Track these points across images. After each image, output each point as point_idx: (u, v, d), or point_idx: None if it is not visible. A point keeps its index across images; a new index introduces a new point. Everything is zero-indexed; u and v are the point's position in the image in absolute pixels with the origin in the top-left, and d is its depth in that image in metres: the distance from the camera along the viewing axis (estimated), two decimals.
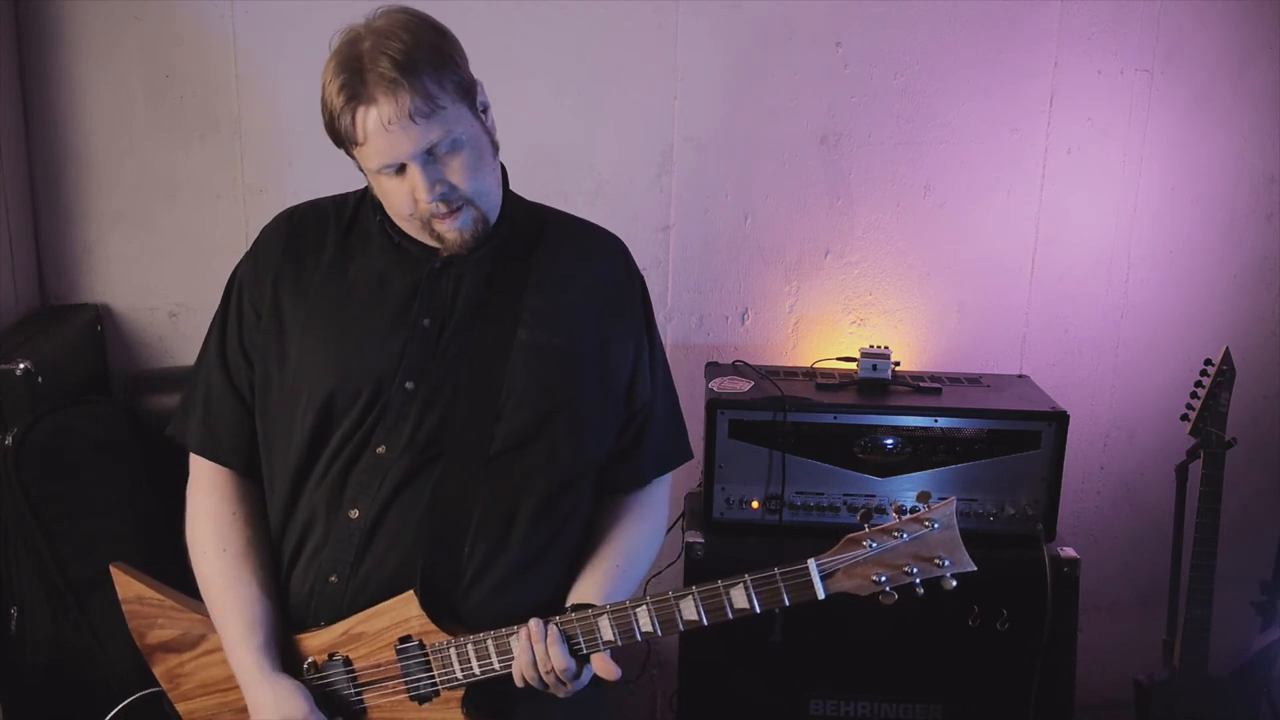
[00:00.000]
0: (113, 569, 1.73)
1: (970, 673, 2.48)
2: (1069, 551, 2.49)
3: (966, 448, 2.50)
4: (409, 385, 1.56)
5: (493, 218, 1.59)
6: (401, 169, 1.49)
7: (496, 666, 1.53)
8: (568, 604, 1.58)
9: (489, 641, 1.53)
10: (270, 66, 2.68)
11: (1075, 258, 2.92)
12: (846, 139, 2.83)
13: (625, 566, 1.65)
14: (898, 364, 2.68)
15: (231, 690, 1.63)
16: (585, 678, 1.53)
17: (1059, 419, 2.48)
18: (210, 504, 1.66)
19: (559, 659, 1.49)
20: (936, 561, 1.37)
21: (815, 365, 2.82)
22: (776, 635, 2.35)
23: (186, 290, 2.80)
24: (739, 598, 1.45)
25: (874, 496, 2.52)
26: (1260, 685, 2.65)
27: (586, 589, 1.61)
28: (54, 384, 2.38)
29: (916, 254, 2.90)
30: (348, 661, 1.58)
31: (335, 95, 1.47)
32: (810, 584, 1.42)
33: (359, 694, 1.59)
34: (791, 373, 2.76)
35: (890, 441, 2.50)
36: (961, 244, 2.90)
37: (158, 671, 1.72)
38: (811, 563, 1.42)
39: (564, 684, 1.52)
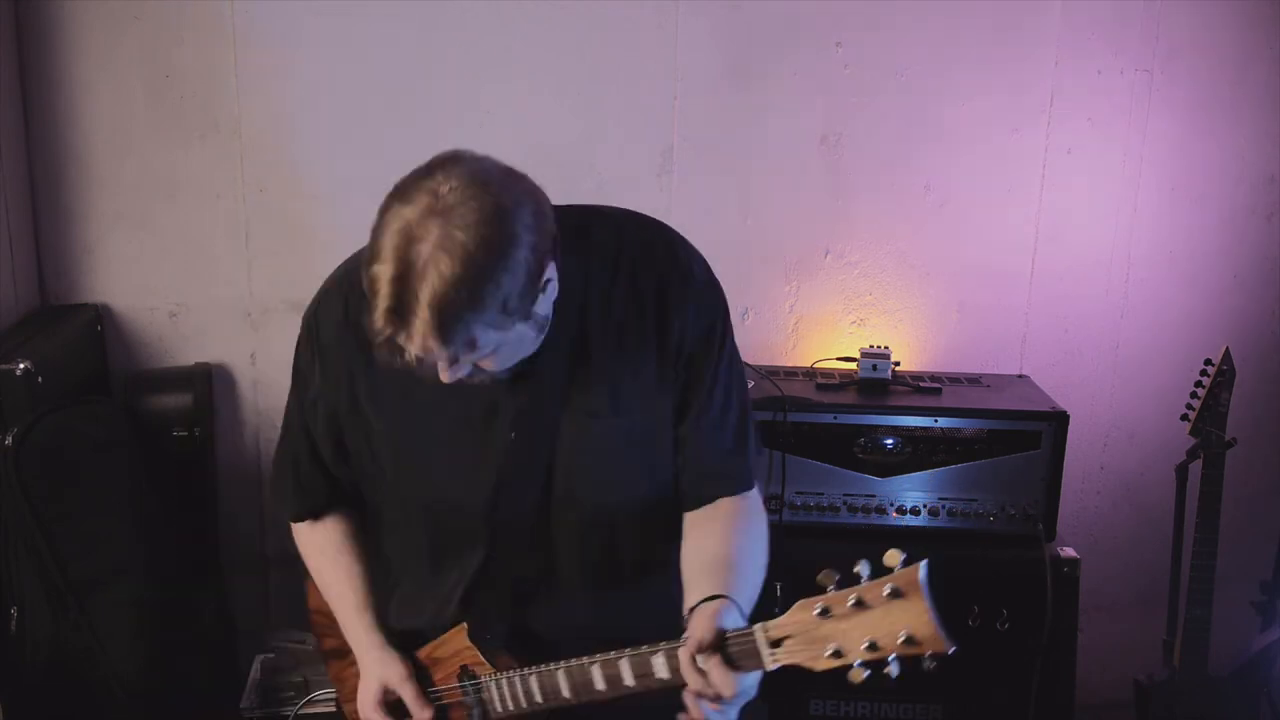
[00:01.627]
0: (308, 583, 1.84)
1: (970, 673, 2.48)
2: (1069, 551, 2.49)
3: (966, 448, 2.50)
4: (506, 495, 1.57)
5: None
6: None
7: (524, 704, 1.56)
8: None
9: (531, 676, 1.54)
10: (270, 66, 2.68)
11: (1075, 258, 2.92)
12: (846, 139, 2.83)
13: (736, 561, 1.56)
14: (898, 364, 2.68)
15: None
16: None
17: (1059, 419, 2.48)
18: (309, 529, 1.77)
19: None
20: (899, 638, 1.16)
21: (815, 365, 2.82)
22: None
23: (186, 290, 2.79)
24: (660, 666, 1.40)
25: (874, 496, 2.52)
26: (1260, 685, 2.65)
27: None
28: (54, 384, 2.38)
29: (916, 254, 2.90)
30: (433, 682, 1.68)
31: (380, 300, 1.31)
32: (757, 653, 1.29)
33: (445, 713, 1.68)
34: (791, 373, 2.76)
35: (890, 441, 2.50)
36: (961, 244, 2.90)
37: (330, 675, 1.88)
38: (757, 629, 1.29)
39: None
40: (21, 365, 2.29)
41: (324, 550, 1.75)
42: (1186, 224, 2.93)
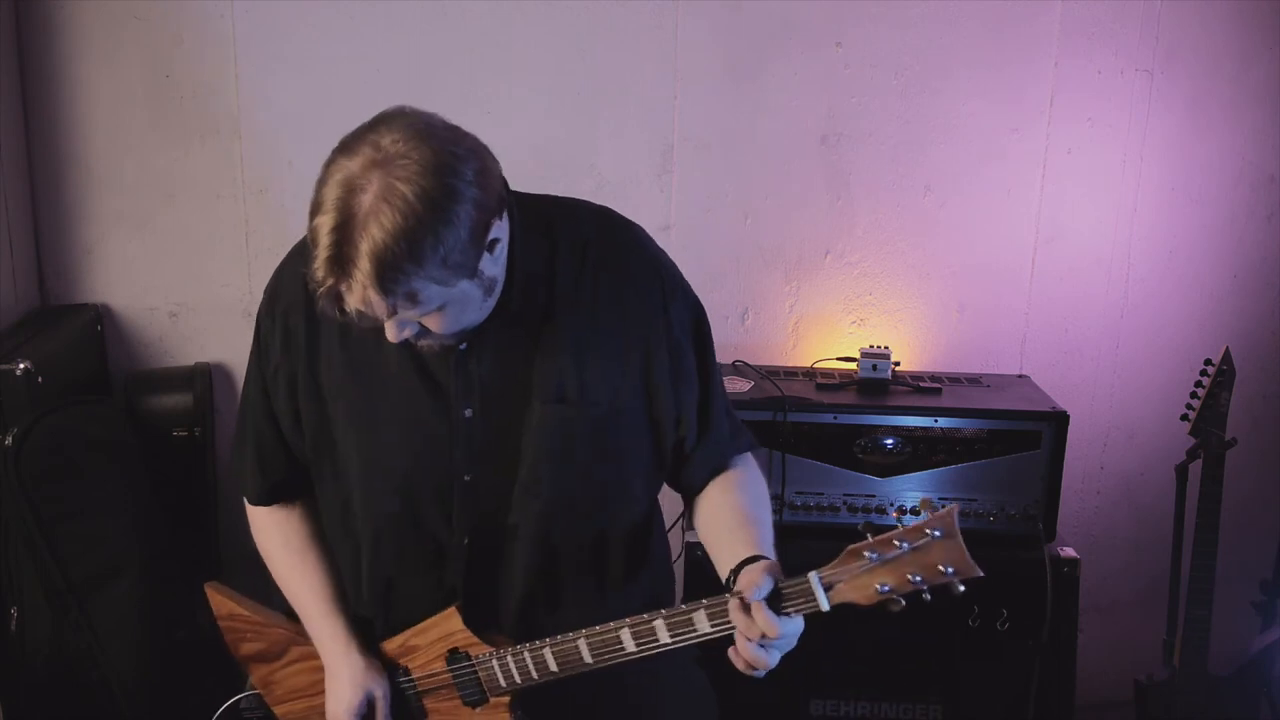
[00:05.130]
0: (207, 588, 1.84)
1: (970, 673, 2.48)
2: (1069, 551, 2.49)
3: (966, 448, 2.50)
4: (467, 478, 1.57)
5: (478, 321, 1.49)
6: None
7: (535, 676, 1.56)
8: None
9: (526, 654, 1.56)
10: (270, 66, 2.68)
11: (1075, 258, 2.92)
12: (846, 139, 2.83)
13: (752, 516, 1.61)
14: (898, 364, 2.68)
15: (317, 695, 1.74)
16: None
17: (1059, 419, 2.48)
18: (265, 518, 1.75)
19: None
20: (941, 569, 1.33)
21: (815, 365, 2.82)
22: None
23: (186, 290, 2.79)
24: (701, 621, 1.44)
25: (874, 496, 2.52)
26: (1260, 685, 2.65)
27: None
28: (54, 384, 2.38)
29: (916, 254, 2.90)
30: (407, 671, 1.67)
31: (320, 250, 1.31)
32: (812, 596, 1.37)
33: (419, 700, 1.68)
34: (791, 373, 2.76)
35: (890, 441, 2.50)
36: (961, 244, 2.90)
37: (253, 680, 1.85)
38: (812, 575, 1.38)
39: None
40: (21, 365, 2.29)
41: (289, 542, 1.73)
42: (1186, 224, 2.93)
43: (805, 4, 2.75)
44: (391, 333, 1.41)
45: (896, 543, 1.35)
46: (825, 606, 1.37)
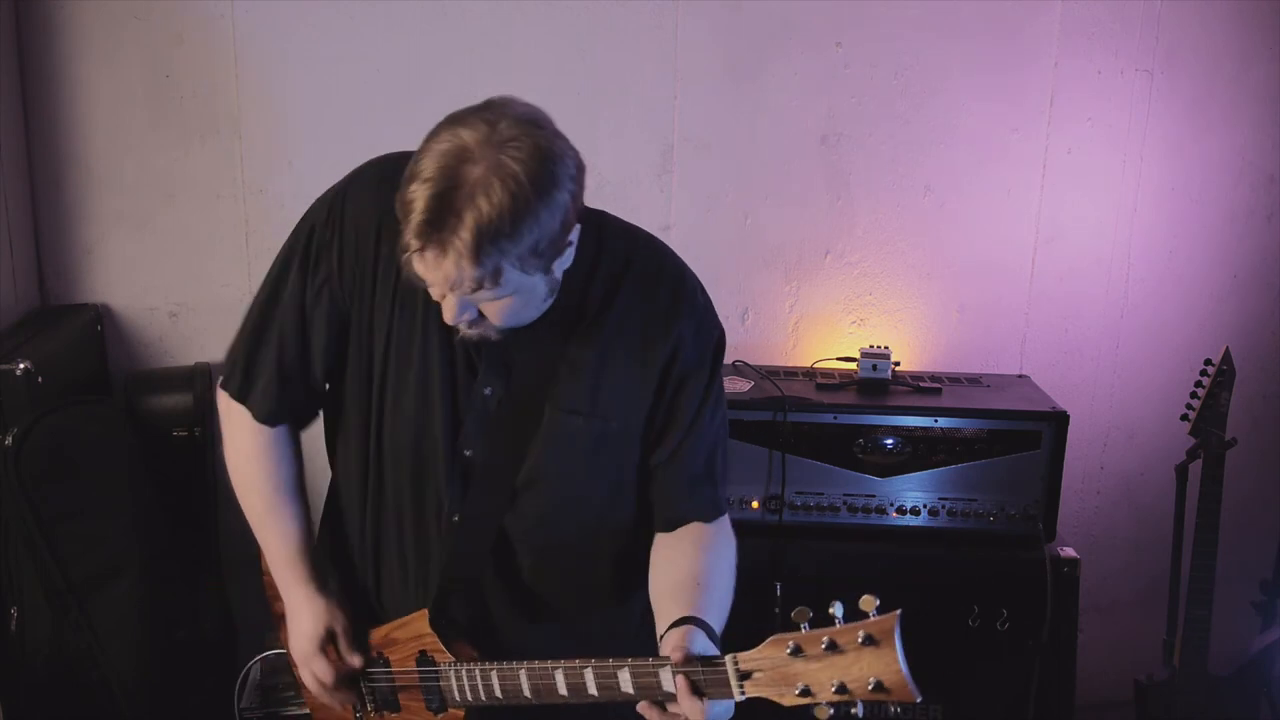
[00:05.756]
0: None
1: (970, 673, 2.48)
2: (1069, 551, 2.49)
3: (966, 448, 2.50)
4: (468, 453, 1.56)
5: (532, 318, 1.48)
6: None
7: (484, 697, 1.54)
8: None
9: (477, 672, 1.53)
10: (270, 66, 2.68)
11: (1075, 258, 2.92)
12: (846, 139, 2.83)
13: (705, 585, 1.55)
14: (898, 364, 2.68)
15: None
16: None
17: (1059, 419, 2.48)
18: (259, 445, 1.67)
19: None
20: (867, 683, 1.16)
21: (815, 365, 2.82)
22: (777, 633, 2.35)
23: (186, 290, 2.79)
24: (625, 681, 1.38)
25: (874, 496, 2.52)
26: (1260, 685, 2.65)
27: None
28: (54, 384, 2.38)
29: (916, 254, 2.90)
30: (387, 662, 1.66)
31: (417, 214, 1.30)
32: (727, 682, 1.28)
33: (395, 693, 1.67)
34: (791, 373, 2.76)
35: (890, 441, 2.50)
36: (961, 244, 2.90)
37: (282, 637, 1.81)
38: (728, 659, 1.28)
39: None
40: (21, 365, 2.29)
41: (278, 484, 1.66)
42: (1186, 224, 2.93)
43: (805, 4, 2.75)
44: (450, 313, 1.40)
45: (823, 641, 1.19)
46: (736, 697, 1.28)
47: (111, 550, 2.37)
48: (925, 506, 2.52)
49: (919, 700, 1.16)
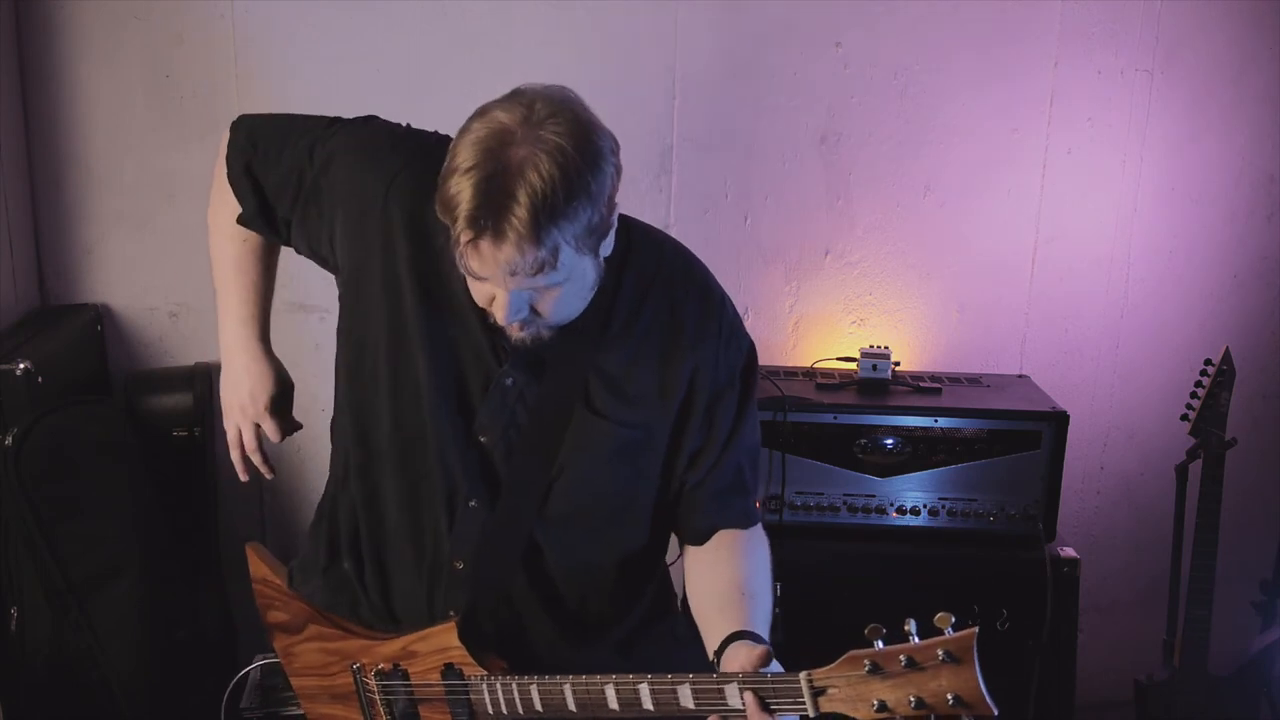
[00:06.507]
0: (247, 548, 1.81)
1: None
2: (1069, 551, 2.49)
3: (966, 448, 2.50)
4: (483, 440, 1.53)
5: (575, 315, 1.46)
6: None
7: (521, 711, 1.51)
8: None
9: (514, 686, 1.51)
10: (270, 66, 2.68)
11: (1075, 258, 2.92)
12: (846, 139, 2.83)
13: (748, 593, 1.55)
14: (898, 364, 2.68)
15: (329, 675, 1.71)
16: None
17: (1059, 419, 2.48)
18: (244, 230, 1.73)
19: None
20: (947, 698, 1.18)
21: (815, 365, 2.81)
22: (779, 634, 2.35)
23: (186, 290, 2.79)
24: (686, 696, 1.37)
25: (874, 496, 2.52)
26: (1260, 685, 2.65)
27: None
28: (54, 384, 2.38)
29: (916, 254, 2.90)
30: (406, 676, 1.62)
31: (465, 204, 1.26)
32: (800, 697, 1.27)
33: (414, 707, 1.63)
34: (791, 373, 2.76)
35: (890, 441, 2.50)
36: (961, 244, 2.90)
37: (275, 647, 1.81)
38: (802, 676, 1.27)
39: None
40: (21, 365, 2.29)
41: (254, 249, 1.76)
42: (1186, 224, 2.93)
43: (805, 4, 2.75)
44: (503, 312, 1.35)
45: (901, 658, 1.21)
46: (811, 713, 1.27)
47: (111, 550, 2.37)
48: (925, 506, 2.52)
49: (996, 713, 1.18)
